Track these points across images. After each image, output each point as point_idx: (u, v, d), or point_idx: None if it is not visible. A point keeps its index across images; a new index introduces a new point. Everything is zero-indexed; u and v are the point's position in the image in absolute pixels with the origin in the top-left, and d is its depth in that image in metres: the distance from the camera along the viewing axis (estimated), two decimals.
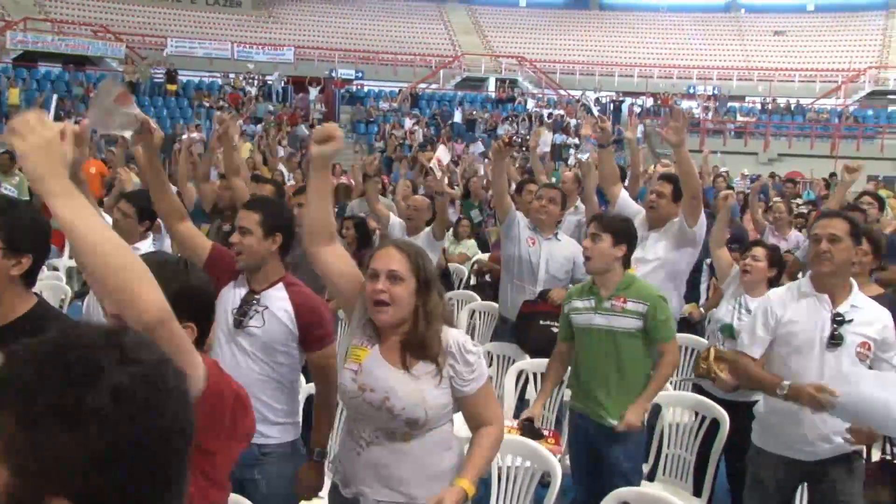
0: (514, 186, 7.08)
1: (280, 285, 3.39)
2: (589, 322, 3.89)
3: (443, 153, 7.08)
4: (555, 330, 5.31)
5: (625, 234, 3.90)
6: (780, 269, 4.77)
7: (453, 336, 2.67)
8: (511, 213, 5.42)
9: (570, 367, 4.18)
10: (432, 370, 2.63)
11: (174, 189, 6.60)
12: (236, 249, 3.39)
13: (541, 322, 5.27)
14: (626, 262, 3.93)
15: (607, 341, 3.84)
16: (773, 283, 4.62)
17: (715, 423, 4.20)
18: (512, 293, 5.46)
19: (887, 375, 3.33)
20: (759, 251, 4.66)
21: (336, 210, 9.90)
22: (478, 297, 7.00)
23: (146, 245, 4.59)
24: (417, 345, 2.63)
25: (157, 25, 32.99)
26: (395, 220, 6.48)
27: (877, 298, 3.73)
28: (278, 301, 3.33)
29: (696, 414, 4.34)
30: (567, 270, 5.50)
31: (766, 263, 4.63)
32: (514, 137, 6.16)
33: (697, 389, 4.69)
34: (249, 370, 3.29)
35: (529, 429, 3.81)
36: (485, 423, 2.73)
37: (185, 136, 6.76)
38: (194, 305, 2.05)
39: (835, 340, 3.42)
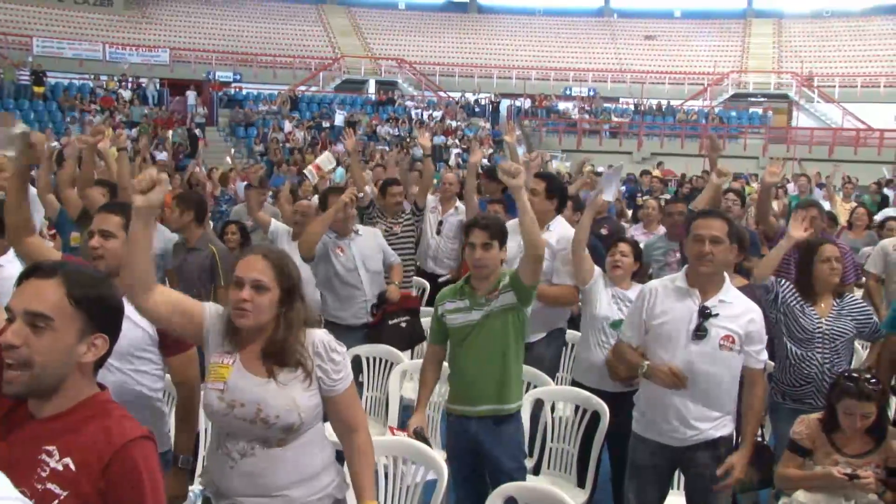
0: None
1: None
2: (467, 320, 3.90)
3: (324, 161, 7.02)
4: (404, 325, 5.49)
5: (505, 236, 3.95)
6: (641, 262, 4.96)
7: (318, 336, 2.70)
8: (314, 252, 5.38)
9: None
10: (300, 374, 2.65)
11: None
12: (97, 254, 3.25)
13: (389, 322, 5.45)
14: None
15: (489, 332, 3.86)
16: (636, 275, 4.85)
17: (596, 416, 4.33)
18: (345, 303, 5.49)
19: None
20: (625, 247, 4.82)
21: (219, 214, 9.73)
22: None
23: (8, 258, 4.37)
24: (277, 352, 2.64)
25: (21, 24, 31.45)
26: (279, 226, 6.43)
27: (741, 289, 3.93)
28: None
29: (578, 407, 4.47)
30: (380, 259, 5.65)
31: (632, 258, 4.82)
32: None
33: (574, 384, 4.83)
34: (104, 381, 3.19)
35: (423, 439, 3.78)
36: (353, 426, 2.79)
37: (45, 146, 6.47)
38: (110, 317, 2.00)
39: (699, 333, 3.59)
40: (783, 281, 4.52)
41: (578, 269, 4.73)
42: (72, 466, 1.86)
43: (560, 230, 5.04)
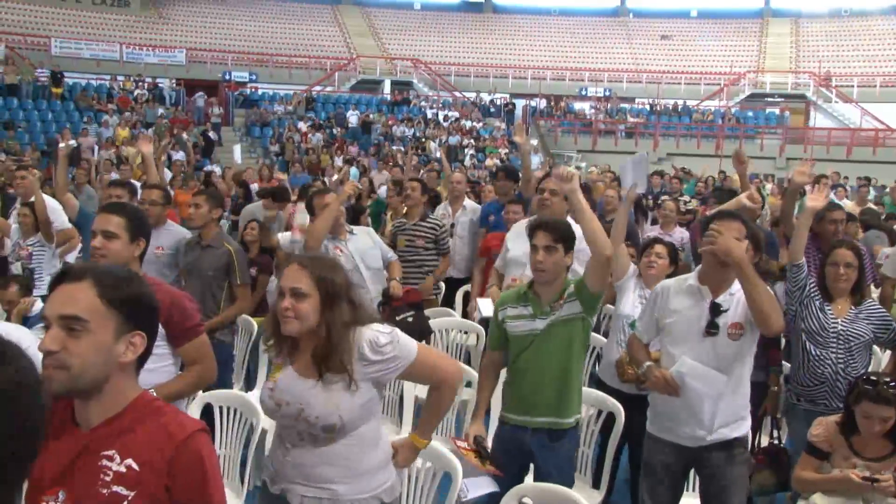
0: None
1: None
2: (530, 329, 3.79)
3: (300, 220, 7.01)
4: (410, 320, 5.46)
5: (571, 241, 3.84)
6: (677, 264, 4.94)
7: (365, 336, 2.73)
8: (320, 252, 5.28)
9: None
10: (344, 379, 2.71)
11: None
12: (100, 254, 3.33)
13: (397, 318, 5.40)
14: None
15: (553, 342, 3.76)
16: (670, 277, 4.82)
17: (612, 417, 4.31)
18: None
19: (710, 373, 3.53)
20: (661, 249, 4.81)
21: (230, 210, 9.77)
22: None
23: None
24: (324, 356, 2.70)
25: (39, 25, 31.71)
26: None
27: None
28: None
29: (593, 408, 4.44)
30: (378, 256, 5.64)
31: (668, 260, 4.80)
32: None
33: (596, 384, 4.82)
34: None
35: (483, 448, 3.73)
36: (434, 384, 2.99)
37: (60, 145, 6.57)
38: (145, 314, 2.00)
39: (711, 330, 3.58)
40: (812, 281, 4.51)
41: (616, 263, 4.68)
42: (135, 466, 1.88)
43: None
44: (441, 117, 29.81)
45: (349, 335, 2.71)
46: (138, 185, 7.27)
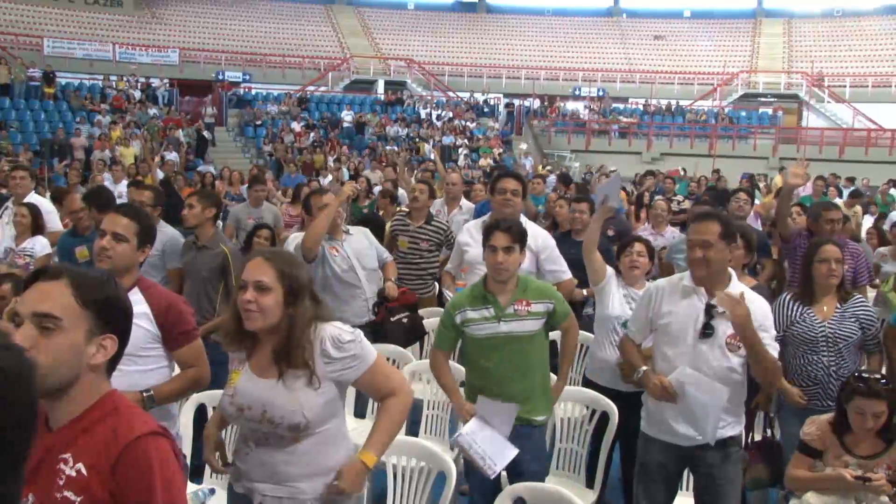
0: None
1: (135, 290, 3.25)
2: (493, 332, 3.81)
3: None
4: (405, 321, 5.50)
5: (525, 240, 3.92)
6: (652, 261, 4.97)
7: (328, 333, 2.70)
8: (317, 252, 5.32)
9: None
10: (306, 375, 2.66)
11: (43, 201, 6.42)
12: (106, 254, 3.28)
13: (392, 319, 5.45)
14: None
15: (513, 347, 3.81)
16: (648, 274, 4.85)
17: (606, 416, 4.32)
18: (346, 303, 5.40)
19: (712, 385, 3.52)
20: (640, 247, 4.83)
21: (220, 214, 9.73)
22: None
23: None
24: (284, 353, 2.66)
25: (32, 24, 31.60)
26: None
27: (752, 289, 3.91)
28: (134, 305, 3.18)
29: (587, 408, 4.46)
30: (374, 256, 5.63)
31: (647, 258, 4.82)
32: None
33: (587, 383, 4.82)
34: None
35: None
36: (386, 394, 2.85)
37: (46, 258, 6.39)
38: (118, 317, 1.98)
39: (707, 332, 3.57)
40: (784, 296, 4.51)
41: (591, 269, 4.74)
42: (83, 471, 1.83)
43: (533, 229, 4.95)
44: (435, 117, 29.81)
45: (310, 331, 2.68)
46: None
